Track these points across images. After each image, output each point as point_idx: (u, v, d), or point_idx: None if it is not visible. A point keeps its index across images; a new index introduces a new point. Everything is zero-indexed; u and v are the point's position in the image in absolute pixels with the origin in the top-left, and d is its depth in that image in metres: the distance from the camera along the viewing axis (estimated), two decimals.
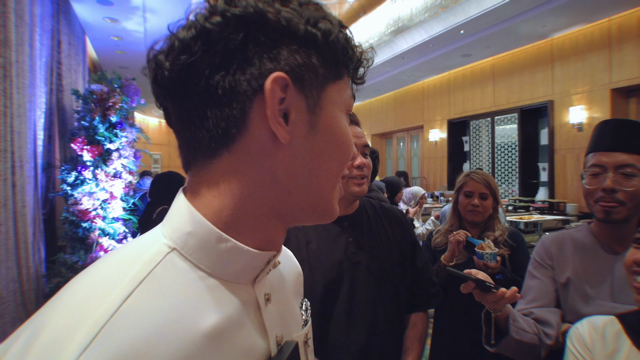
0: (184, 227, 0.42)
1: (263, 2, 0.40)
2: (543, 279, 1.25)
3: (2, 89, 3.24)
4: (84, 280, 0.37)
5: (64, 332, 0.31)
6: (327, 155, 0.44)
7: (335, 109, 0.45)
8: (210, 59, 0.39)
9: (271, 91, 0.39)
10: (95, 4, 4.96)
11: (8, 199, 3.36)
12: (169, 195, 2.76)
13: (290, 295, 0.56)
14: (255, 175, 0.42)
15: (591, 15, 5.66)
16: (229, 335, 0.40)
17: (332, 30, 0.43)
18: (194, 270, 0.41)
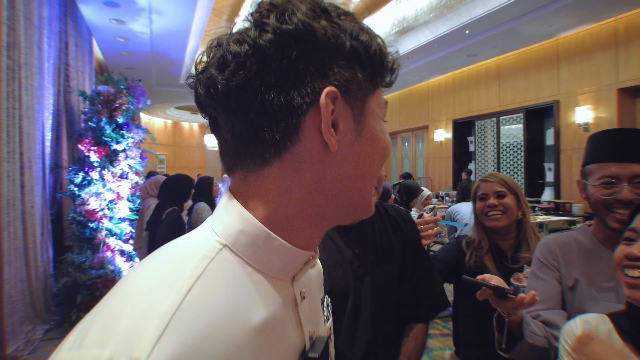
0: (235, 226, 0.44)
1: (311, 18, 0.42)
2: (548, 280, 1.24)
3: (11, 91, 3.28)
4: (146, 274, 0.40)
5: (141, 320, 0.34)
6: (371, 159, 0.48)
7: (375, 117, 0.49)
8: (265, 77, 0.42)
9: (325, 105, 0.42)
10: (102, 5, 5.01)
11: (17, 200, 3.40)
12: (178, 197, 2.74)
13: (317, 293, 0.58)
14: (305, 181, 0.45)
15: (597, 15, 5.63)
16: (274, 330, 0.43)
17: (371, 43, 0.46)
18: (243, 267, 0.44)
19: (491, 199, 1.65)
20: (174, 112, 13.53)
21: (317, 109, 0.42)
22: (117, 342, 0.32)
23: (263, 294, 0.44)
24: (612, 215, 1.12)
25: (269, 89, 0.42)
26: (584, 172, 1.23)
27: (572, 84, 6.40)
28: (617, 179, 1.11)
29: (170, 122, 15.25)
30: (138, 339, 0.32)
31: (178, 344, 0.33)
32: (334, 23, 0.43)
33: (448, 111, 9.19)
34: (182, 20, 5.62)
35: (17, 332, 3.36)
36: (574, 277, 1.20)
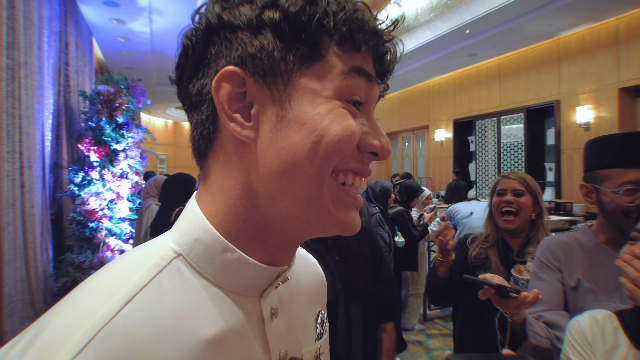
0: (192, 234, 0.41)
1: (228, 11, 0.40)
2: (550, 280, 1.23)
3: (11, 91, 3.28)
4: (91, 283, 0.38)
5: (62, 334, 0.32)
6: (302, 148, 0.38)
7: (314, 97, 0.39)
8: (186, 69, 0.42)
9: (216, 88, 0.39)
10: (102, 5, 5.01)
11: (17, 199, 3.40)
12: (183, 197, 2.72)
13: (305, 308, 0.53)
14: (236, 178, 0.41)
15: (598, 14, 5.61)
16: (229, 347, 0.39)
17: (291, 9, 0.38)
18: (197, 279, 0.40)
19: (508, 195, 1.65)
20: (175, 112, 13.53)
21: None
22: (32, 356, 0.30)
23: (217, 309, 0.40)
24: (631, 220, 1.09)
25: (189, 78, 0.42)
26: (592, 176, 1.19)
27: (572, 83, 6.38)
28: (639, 185, 1.09)
29: (170, 122, 15.25)
30: (55, 353, 0.30)
31: (103, 357, 0.31)
32: (231, 2, 0.40)
33: (448, 111, 9.18)
34: (182, 19, 5.61)
35: (17, 332, 3.34)
36: (576, 277, 1.19)
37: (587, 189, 1.22)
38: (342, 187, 0.42)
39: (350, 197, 0.42)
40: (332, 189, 0.41)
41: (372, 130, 0.42)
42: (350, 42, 0.39)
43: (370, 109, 0.44)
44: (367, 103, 0.43)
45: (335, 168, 0.40)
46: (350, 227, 0.42)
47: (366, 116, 0.43)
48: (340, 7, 0.39)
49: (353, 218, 0.42)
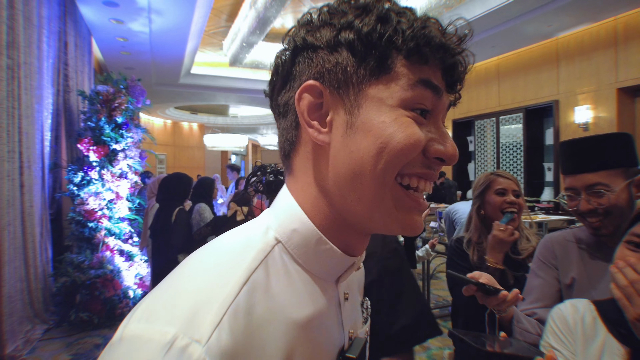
0: (290, 224, 0.46)
1: (311, 34, 0.46)
2: (547, 278, 1.25)
3: (11, 90, 3.28)
4: (208, 260, 0.42)
5: (201, 306, 0.36)
6: (368, 153, 0.42)
7: (380, 105, 0.43)
8: (276, 82, 0.49)
9: (298, 99, 0.45)
10: (101, 5, 5.01)
11: (16, 199, 3.40)
12: (181, 196, 2.70)
13: (357, 295, 0.59)
14: (314, 177, 0.47)
15: (597, 14, 5.63)
16: (318, 327, 0.45)
17: (364, 30, 0.42)
18: (293, 264, 0.46)
19: (510, 195, 1.65)
20: (174, 112, 13.53)
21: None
22: (181, 323, 0.35)
23: (310, 292, 0.45)
24: (586, 222, 1.15)
25: (279, 92, 0.49)
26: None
27: (571, 83, 6.40)
28: (576, 191, 1.15)
29: (169, 122, 15.24)
30: (200, 323, 0.35)
31: (233, 333, 0.36)
32: (314, 26, 0.46)
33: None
34: (181, 19, 5.62)
35: (16, 332, 3.36)
36: (571, 275, 1.20)
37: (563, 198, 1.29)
38: (405, 191, 0.45)
39: (413, 200, 0.45)
40: (395, 193, 0.44)
41: (439, 136, 0.45)
42: (417, 56, 0.43)
43: (438, 117, 0.47)
44: (435, 111, 0.46)
45: (401, 172, 0.44)
46: (412, 228, 0.46)
47: (434, 124, 0.46)
48: (410, 24, 0.43)
49: (415, 220, 0.46)
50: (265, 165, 1.79)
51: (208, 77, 9.41)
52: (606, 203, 1.08)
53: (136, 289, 4.40)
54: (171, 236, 2.90)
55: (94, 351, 3.35)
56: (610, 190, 1.08)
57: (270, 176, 1.68)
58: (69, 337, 3.69)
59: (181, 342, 0.33)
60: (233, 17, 7.19)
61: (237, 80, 9.55)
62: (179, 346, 0.33)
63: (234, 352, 0.35)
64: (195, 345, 0.33)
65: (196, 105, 12.99)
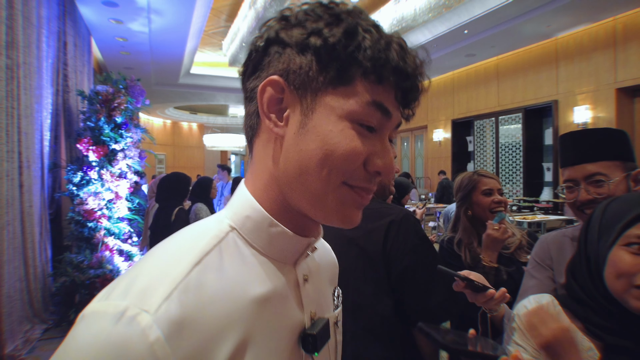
0: (243, 211, 0.50)
1: (284, 31, 0.48)
2: (542, 279, 1.25)
3: (10, 90, 3.28)
4: (167, 247, 0.47)
5: (153, 283, 0.40)
6: (315, 156, 0.46)
7: (331, 114, 0.46)
8: (248, 68, 0.51)
9: (261, 91, 0.48)
10: (101, 5, 5.01)
11: (15, 199, 3.40)
12: (180, 197, 2.68)
13: (325, 282, 0.62)
14: (267, 164, 0.50)
15: (596, 15, 5.63)
16: (273, 305, 0.48)
17: (330, 40, 0.45)
18: (248, 248, 0.49)
19: (496, 194, 1.71)
20: (173, 112, 13.52)
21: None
22: (134, 297, 0.39)
23: (265, 273, 0.49)
24: (584, 215, 1.14)
25: (249, 77, 0.51)
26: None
27: (570, 83, 6.41)
28: (575, 182, 1.16)
29: (169, 122, 15.24)
30: (150, 295, 0.39)
31: (182, 305, 0.39)
32: (301, 26, 0.48)
33: (447, 111, 9.19)
34: (181, 19, 5.62)
35: (15, 332, 3.36)
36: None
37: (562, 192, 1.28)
38: (351, 189, 0.48)
39: (358, 195, 0.49)
40: (340, 192, 0.48)
41: (380, 151, 0.48)
42: (374, 75, 0.46)
43: (384, 133, 0.49)
44: (382, 128, 0.49)
45: (347, 182, 0.47)
46: (350, 222, 0.50)
47: (379, 138, 0.49)
48: (372, 43, 0.45)
49: (354, 214, 0.50)
50: None
51: (207, 77, 9.41)
52: (605, 193, 1.09)
53: None
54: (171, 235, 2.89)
55: None
56: (609, 180, 1.10)
57: None
58: None
59: (131, 312, 0.37)
60: (232, 17, 7.19)
61: (236, 80, 9.49)
62: (128, 315, 0.37)
63: (181, 322, 0.38)
64: (144, 315, 0.37)
65: (196, 105, 12.99)
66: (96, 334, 0.37)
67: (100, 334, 0.36)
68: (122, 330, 0.36)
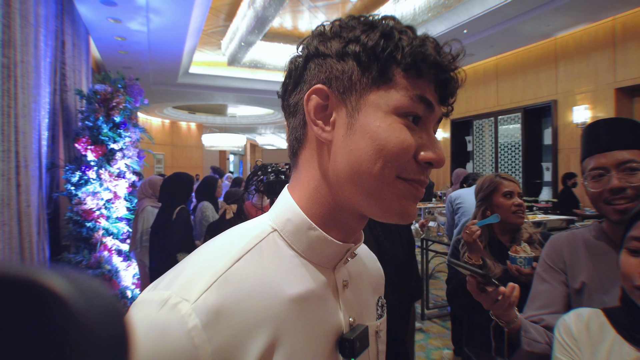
0: (284, 214, 0.53)
1: (323, 44, 0.51)
2: (554, 283, 1.19)
3: (7, 89, 3.26)
4: (212, 244, 0.51)
5: (195, 276, 0.44)
6: (366, 153, 0.48)
7: (377, 111, 0.48)
8: (289, 84, 0.55)
9: (307, 100, 0.51)
10: (99, 4, 4.98)
11: (12, 199, 3.37)
12: (182, 196, 2.70)
13: (368, 290, 0.64)
14: (316, 170, 0.52)
15: (595, 14, 5.63)
16: (310, 305, 0.50)
17: (369, 44, 0.48)
18: (288, 250, 0.52)
19: (516, 197, 1.75)
20: (172, 111, 13.49)
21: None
22: (177, 287, 0.43)
23: (303, 274, 0.51)
24: (610, 207, 1.08)
25: (290, 93, 0.54)
26: (582, 170, 1.20)
27: (570, 83, 6.41)
28: (605, 169, 1.09)
29: (167, 122, 15.20)
30: (192, 286, 0.43)
31: (220, 297, 0.43)
32: (325, 37, 0.52)
33: None
34: (179, 19, 5.60)
35: None
36: (580, 280, 1.14)
37: (584, 187, 1.20)
38: (406, 182, 0.50)
39: (413, 187, 0.50)
40: (400, 186, 0.49)
41: (428, 142, 0.50)
42: (413, 70, 0.48)
43: (429, 125, 0.52)
44: (426, 120, 0.51)
45: (400, 176, 0.49)
46: (408, 216, 0.51)
47: (425, 130, 0.51)
48: (409, 42, 0.48)
49: (411, 207, 0.51)
50: (266, 165, 1.77)
51: (206, 76, 9.39)
52: (637, 182, 1.04)
53: (134, 289, 4.38)
54: (171, 235, 2.88)
55: None
56: None
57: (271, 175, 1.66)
58: None
59: (174, 300, 0.41)
60: (231, 16, 7.17)
61: (235, 79, 9.54)
62: (171, 303, 0.41)
63: (218, 311, 0.42)
64: (184, 303, 0.41)
65: (194, 104, 12.96)
66: (143, 318, 0.41)
67: (145, 318, 0.41)
68: (164, 316, 0.40)
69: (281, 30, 7.92)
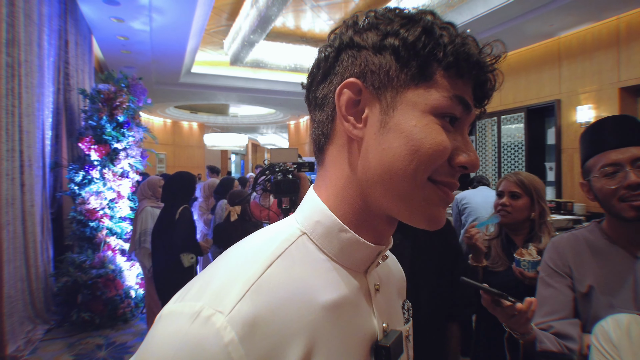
0: (313, 216, 0.50)
1: (358, 34, 0.48)
2: (560, 288, 1.16)
3: (11, 89, 3.26)
4: (239, 250, 0.48)
5: (227, 284, 0.41)
6: (400, 154, 0.45)
7: (414, 110, 0.46)
8: (317, 76, 0.52)
9: (339, 94, 0.48)
10: (102, 3, 4.97)
11: (16, 199, 3.37)
12: (185, 196, 2.70)
13: (395, 294, 0.62)
14: (344, 169, 0.50)
15: (599, 14, 5.61)
16: (345, 312, 0.47)
17: (409, 38, 0.46)
18: (319, 253, 0.49)
19: (505, 197, 1.73)
20: (174, 111, 13.49)
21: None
22: (208, 298, 0.40)
23: (335, 279, 0.48)
24: (626, 204, 1.04)
25: (318, 85, 0.51)
26: (584, 171, 1.17)
27: (573, 83, 6.38)
28: (619, 166, 1.05)
29: (169, 121, 15.20)
30: (224, 297, 0.40)
31: (255, 307, 0.40)
32: (360, 28, 0.49)
33: None
34: (182, 18, 5.59)
35: (17, 332, 3.34)
36: (587, 283, 1.12)
37: (585, 187, 1.17)
38: (436, 186, 0.47)
39: (443, 192, 0.48)
40: (429, 191, 0.47)
41: (464, 145, 0.48)
42: (454, 69, 0.46)
43: (464, 127, 0.49)
44: (463, 122, 0.49)
45: (431, 177, 0.46)
46: (436, 222, 0.49)
47: (460, 133, 0.49)
48: (451, 39, 0.46)
49: (440, 213, 0.49)
50: (273, 165, 1.76)
51: (209, 76, 9.38)
52: None
53: (138, 288, 4.38)
54: (173, 235, 2.87)
55: (96, 351, 3.32)
56: None
57: (278, 175, 1.66)
58: (71, 337, 3.67)
59: (206, 312, 0.38)
60: (234, 15, 7.16)
61: (237, 79, 9.53)
62: (204, 316, 0.38)
63: (254, 322, 0.39)
64: (218, 315, 0.38)
65: (196, 104, 12.96)
66: (174, 332, 0.38)
67: (177, 332, 0.38)
68: (197, 330, 0.38)
69: (284, 29, 7.91)
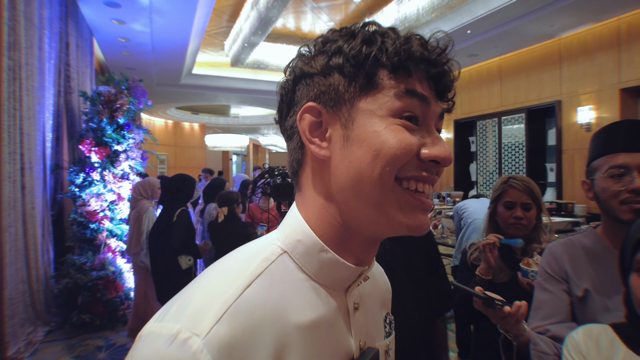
0: (295, 235, 0.51)
1: (307, 64, 0.51)
2: (556, 292, 1.18)
3: (12, 91, 3.27)
4: (218, 269, 0.48)
5: (205, 306, 0.42)
6: (364, 161, 0.46)
7: (371, 117, 0.47)
8: (283, 109, 0.55)
9: (299, 120, 0.50)
10: (103, 6, 4.99)
11: (17, 201, 3.38)
12: (184, 198, 2.71)
13: (377, 308, 0.62)
14: (320, 189, 0.51)
15: (600, 15, 5.60)
16: (321, 332, 0.48)
17: (351, 53, 0.47)
18: (298, 272, 0.49)
19: (518, 211, 1.60)
20: (175, 112, 13.51)
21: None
22: (186, 319, 0.40)
23: (314, 299, 0.49)
24: (626, 207, 1.05)
25: (285, 117, 0.54)
26: (589, 170, 1.18)
27: (574, 84, 6.37)
28: (627, 169, 1.06)
29: (170, 122, 15.23)
30: (202, 319, 0.40)
31: (232, 329, 0.40)
32: (320, 54, 0.51)
33: None
34: (182, 20, 5.60)
35: (18, 334, 3.35)
36: (584, 287, 1.13)
37: (586, 185, 1.18)
38: (408, 192, 0.48)
39: (416, 199, 0.48)
40: (397, 194, 0.47)
41: (431, 141, 0.48)
42: (401, 70, 0.47)
43: (430, 124, 0.49)
44: (426, 118, 0.49)
45: (399, 176, 0.46)
46: (418, 228, 0.48)
47: (426, 129, 0.49)
48: (392, 42, 0.47)
49: (420, 219, 0.48)
50: (273, 168, 1.77)
51: (209, 77, 9.40)
52: None
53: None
54: (171, 237, 2.87)
55: (96, 353, 3.33)
56: None
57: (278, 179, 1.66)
58: (71, 339, 3.68)
59: (183, 335, 0.39)
60: (235, 17, 7.17)
61: (238, 80, 9.54)
62: (181, 338, 0.39)
63: (231, 345, 0.39)
64: (195, 338, 0.39)
65: (197, 105, 12.98)
66: (151, 354, 0.39)
67: (154, 354, 0.39)
68: (174, 353, 0.38)
69: (284, 31, 7.92)
